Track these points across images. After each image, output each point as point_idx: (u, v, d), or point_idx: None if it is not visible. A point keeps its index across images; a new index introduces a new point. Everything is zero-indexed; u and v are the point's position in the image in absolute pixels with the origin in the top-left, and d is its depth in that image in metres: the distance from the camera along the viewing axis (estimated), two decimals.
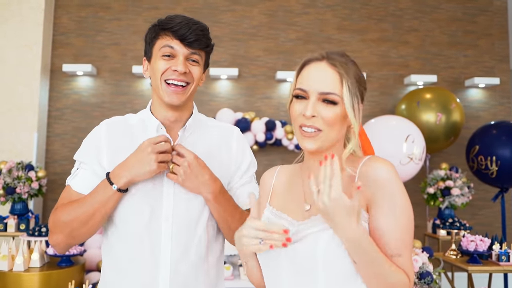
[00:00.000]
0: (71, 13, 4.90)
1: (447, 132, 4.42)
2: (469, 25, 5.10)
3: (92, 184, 1.29)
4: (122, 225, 1.31)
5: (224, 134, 1.43)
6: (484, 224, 4.92)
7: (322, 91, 1.05)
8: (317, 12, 5.02)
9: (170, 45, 1.27)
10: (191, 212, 1.32)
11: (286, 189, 1.19)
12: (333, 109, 1.05)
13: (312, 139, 1.06)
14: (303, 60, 1.13)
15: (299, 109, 1.08)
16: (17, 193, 3.90)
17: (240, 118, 4.55)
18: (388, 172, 1.03)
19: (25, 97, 4.56)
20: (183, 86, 1.29)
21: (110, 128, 1.36)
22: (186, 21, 1.29)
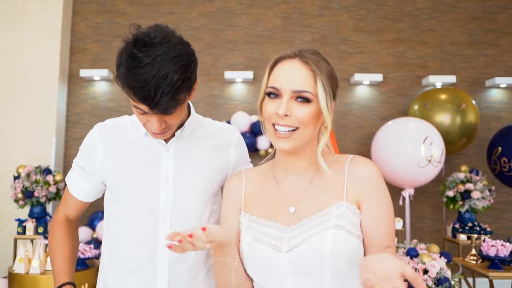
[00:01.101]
0: (88, 19, 4.98)
1: (459, 133, 4.31)
2: (489, 23, 4.96)
3: (83, 189, 1.38)
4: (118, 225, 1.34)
5: (223, 135, 1.41)
6: (508, 228, 4.78)
7: (295, 89, 1.04)
8: (333, 14, 4.97)
9: (139, 107, 1.14)
10: (190, 214, 1.31)
11: (261, 194, 1.15)
12: (307, 107, 1.04)
13: (287, 139, 1.05)
14: (275, 57, 1.12)
15: (272, 108, 1.06)
16: (35, 197, 3.97)
17: (255, 121, 4.54)
18: (376, 171, 1.08)
19: (44, 102, 4.65)
20: (165, 132, 1.23)
21: (102, 130, 1.36)
22: (153, 83, 1.08)
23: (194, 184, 1.31)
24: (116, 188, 1.32)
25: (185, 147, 1.33)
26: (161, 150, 1.31)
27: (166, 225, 1.28)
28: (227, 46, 4.93)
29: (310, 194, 1.09)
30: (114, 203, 1.34)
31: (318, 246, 1.00)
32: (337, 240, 1.00)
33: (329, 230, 1.01)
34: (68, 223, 1.42)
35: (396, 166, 3.99)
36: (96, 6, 4.99)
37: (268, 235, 1.07)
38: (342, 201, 1.06)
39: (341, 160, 1.11)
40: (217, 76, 4.89)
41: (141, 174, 1.30)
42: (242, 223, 1.13)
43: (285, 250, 1.03)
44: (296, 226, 1.06)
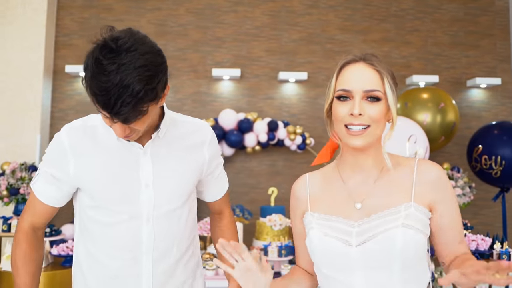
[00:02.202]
0: (74, 14, 4.92)
1: (437, 132, 4.43)
2: (471, 25, 5.11)
3: (52, 194, 1.32)
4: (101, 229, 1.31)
5: (197, 132, 1.42)
6: (486, 224, 4.94)
7: (366, 89, 1.12)
8: (320, 13, 5.03)
9: (104, 114, 1.14)
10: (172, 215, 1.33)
11: (327, 193, 1.23)
12: (378, 105, 1.13)
13: (360, 137, 1.12)
14: (341, 63, 1.19)
15: (345, 110, 1.13)
16: (20, 194, 3.92)
17: (242, 119, 4.57)
18: (444, 174, 1.17)
19: (28, 98, 4.58)
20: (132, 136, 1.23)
21: (72, 133, 1.31)
22: (112, 88, 1.07)
23: (173, 186, 1.32)
24: (95, 193, 1.29)
25: (162, 149, 1.33)
26: (138, 154, 1.30)
27: (149, 227, 1.29)
28: (214, 44, 4.94)
29: (376, 192, 1.17)
30: (94, 208, 1.31)
31: (388, 242, 1.08)
32: (406, 237, 1.07)
33: (398, 228, 1.08)
34: (34, 234, 1.35)
35: None
36: (81, 1, 4.93)
37: (337, 230, 1.14)
38: (410, 202, 1.13)
39: (407, 163, 1.19)
40: (204, 73, 4.90)
41: (121, 179, 1.28)
42: (311, 221, 1.20)
43: (355, 244, 1.11)
44: (363, 221, 1.13)
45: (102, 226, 1.30)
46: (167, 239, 1.32)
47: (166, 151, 1.34)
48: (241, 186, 4.72)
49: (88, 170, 1.28)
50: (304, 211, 1.24)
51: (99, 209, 1.30)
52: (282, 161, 4.77)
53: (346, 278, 1.12)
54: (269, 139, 4.60)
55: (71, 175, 1.28)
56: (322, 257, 1.14)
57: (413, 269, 1.11)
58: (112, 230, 1.29)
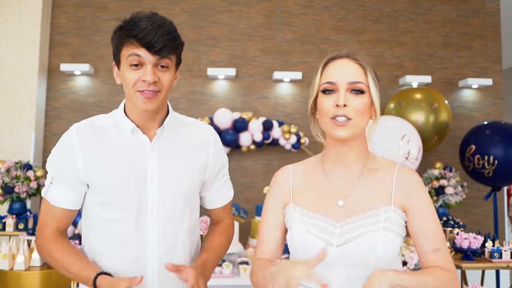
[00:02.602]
0: (69, 13, 4.91)
1: (430, 132, 4.49)
2: (463, 26, 5.18)
3: (69, 197, 1.31)
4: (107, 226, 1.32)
5: (201, 133, 1.44)
6: (477, 222, 5.01)
7: (351, 80, 1.15)
8: (314, 13, 5.07)
9: (136, 53, 1.22)
10: (175, 212, 1.34)
11: (309, 187, 1.24)
12: (362, 98, 1.16)
13: (344, 127, 1.14)
14: (326, 58, 1.22)
15: (330, 102, 1.16)
16: (15, 193, 3.91)
17: (237, 118, 4.59)
18: (420, 180, 1.20)
19: (23, 96, 4.57)
20: (155, 92, 1.26)
21: (81, 132, 1.32)
22: (151, 25, 1.23)
23: (176, 183, 1.34)
24: (102, 189, 1.30)
25: (167, 147, 1.35)
26: (145, 150, 1.33)
27: (154, 222, 1.31)
28: (209, 43, 4.96)
29: (358, 190, 1.20)
30: (100, 205, 1.32)
31: (369, 244, 1.11)
32: (386, 240, 1.11)
33: (378, 231, 1.12)
34: (63, 235, 1.35)
35: None
36: None
37: (319, 228, 1.16)
38: (390, 206, 1.17)
39: (389, 166, 1.22)
40: (199, 73, 4.92)
41: (128, 174, 1.30)
42: (293, 215, 1.21)
43: (336, 244, 1.13)
44: (345, 223, 1.15)
45: (108, 222, 1.31)
46: (171, 237, 1.34)
47: (171, 149, 1.36)
48: (236, 185, 4.69)
49: (96, 167, 1.30)
50: (286, 203, 1.24)
51: (105, 205, 1.31)
52: (277, 160, 4.80)
53: (325, 274, 1.13)
54: (264, 138, 4.63)
55: (80, 173, 1.30)
56: (302, 253, 1.16)
57: (390, 267, 1.14)
58: (117, 227, 1.30)
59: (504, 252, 3.32)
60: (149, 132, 1.35)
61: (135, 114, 1.33)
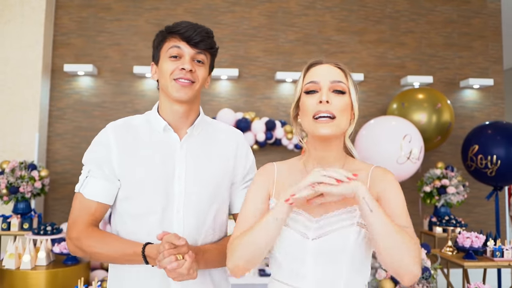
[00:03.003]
0: (72, 13, 4.93)
1: (433, 131, 4.51)
2: (464, 27, 5.21)
3: (104, 190, 1.34)
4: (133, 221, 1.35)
5: (230, 137, 1.49)
6: (479, 222, 5.04)
7: (333, 79, 1.21)
8: (316, 14, 5.10)
9: (177, 45, 1.33)
10: (200, 210, 1.37)
11: (291, 184, 1.24)
12: (343, 98, 1.20)
13: (327, 125, 1.18)
14: (308, 63, 1.27)
15: (313, 101, 1.20)
16: (20, 193, 3.93)
17: (240, 118, 4.62)
18: (392, 174, 1.26)
19: (27, 97, 4.59)
20: (191, 82, 1.34)
21: (117, 130, 1.39)
22: (192, 24, 1.35)
23: (203, 181, 1.38)
24: (131, 184, 1.34)
25: (196, 146, 1.40)
26: (175, 148, 1.38)
27: (180, 219, 1.34)
28: None
29: None
30: (127, 199, 1.35)
31: (343, 239, 1.16)
32: (359, 236, 1.16)
33: (352, 226, 1.16)
34: (97, 226, 1.38)
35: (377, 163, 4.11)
36: (80, 0, 4.95)
37: (297, 222, 1.20)
38: None
39: (366, 167, 1.27)
40: None
41: (158, 170, 1.35)
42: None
43: (312, 238, 1.18)
44: (322, 218, 1.20)
45: (135, 218, 1.35)
46: (195, 234, 1.37)
47: (199, 148, 1.41)
48: None
49: (128, 162, 1.35)
50: (270, 195, 1.28)
51: (133, 200, 1.35)
52: (279, 160, 4.79)
53: (298, 267, 1.18)
54: (267, 138, 4.65)
55: (114, 167, 1.35)
56: (279, 246, 1.20)
57: (360, 264, 1.19)
58: (143, 222, 1.34)
59: (506, 251, 3.35)
60: (180, 131, 1.40)
61: (169, 112, 1.39)
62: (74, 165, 4.79)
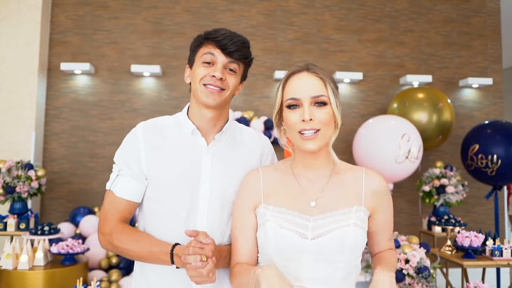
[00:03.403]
0: (68, 11, 4.89)
1: (435, 131, 4.51)
2: (463, 26, 5.20)
3: (133, 189, 1.39)
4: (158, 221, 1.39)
5: (257, 143, 1.52)
6: (477, 221, 5.04)
7: (314, 95, 1.22)
8: (315, 13, 5.08)
9: (211, 52, 1.36)
10: (224, 214, 1.40)
11: (280, 187, 1.29)
12: (325, 109, 1.22)
13: (313, 140, 1.21)
14: (286, 74, 1.29)
15: (296, 117, 1.22)
16: (17, 192, 3.89)
17: (239, 117, 4.59)
18: (386, 185, 1.33)
19: (23, 96, 4.55)
20: (220, 89, 1.36)
21: (146, 130, 1.42)
22: (229, 33, 1.38)
23: (227, 186, 1.40)
24: (158, 184, 1.38)
25: (223, 151, 1.44)
26: (202, 152, 1.41)
27: (203, 222, 1.38)
28: None
29: (328, 192, 1.27)
30: (154, 200, 1.39)
31: (341, 238, 1.19)
32: (357, 235, 1.20)
33: (350, 226, 1.20)
34: (128, 223, 1.42)
35: (375, 162, 4.13)
36: None
37: (292, 223, 1.21)
38: (361, 206, 1.26)
39: (355, 170, 1.33)
40: None
41: (185, 173, 1.38)
42: (266, 213, 1.25)
43: (310, 237, 1.19)
44: (319, 217, 1.22)
45: (160, 218, 1.38)
46: (218, 237, 1.39)
47: (226, 154, 1.44)
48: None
49: (155, 162, 1.38)
50: (257, 204, 1.29)
51: (159, 200, 1.38)
52: (279, 159, 4.77)
53: (294, 266, 1.20)
54: None
55: (143, 167, 1.38)
56: (276, 247, 1.20)
57: (354, 263, 1.23)
58: (168, 222, 1.37)
59: (505, 250, 3.35)
60: (208, 136, 1.44)
61: (198, 116, 1.42)
62: (71, 165, 4.75)
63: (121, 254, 1.38)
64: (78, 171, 4.73)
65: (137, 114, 4.74)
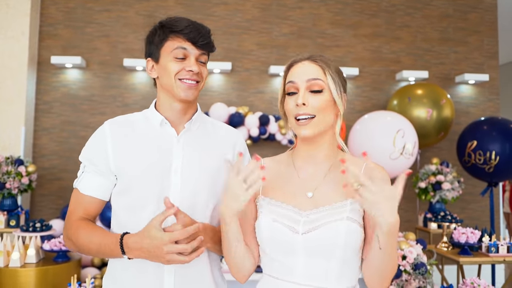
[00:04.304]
0: (59, 3, 4.78)
1: (438, 127, 4.49)
2: (460, 21, 5.18)
3: (99, 185, 1.37)
4: (126, 214, 1.36)
5: (228, 134, 1.50)
6: (473, 218, 5.04)
7: (309, 77, 1.22)
8: (311, 7, 5.02)
9: (183, 46, 1.33)
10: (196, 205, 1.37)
11: (280, 179, 1.28)
12: (321, 96, 1.22)
13: (307, 126, 1.21)
14: (288, 62, 1.30)
15: (292, 102, 1.23)
16: (6, 189, 3.81)
17: (233, 113, 4.53)
18: (387, 176, 1.25)
19: (12, 89, 4.44)
20: (196, 82, 1.36)
21: (113, 125, 1.40)
22: (193, 24, 1.35)
23: (199, 175, 1.38)
24: (125, 177, 1.35)
25: (193, 141, 1.41)
26: (172, 142, 1.39)
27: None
28: None
29: (327, 184, 1.25)
30: (122, 193, 1.36)
31: (332, 233, 1.16)
32: (350, 229, 1.16)
33: (342, 221, 1.16)
34: (90, 220, 1.39)
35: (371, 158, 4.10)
36: None
37: (286, 217, 1.20)
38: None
39: (357, 162, 1.24)
40: None
41: (153, 164, 1.35)
42: (263, 205, 1.25)
43: (301, 232, 1.17)
44: (312, 212, 1.20)
45: (129, 211, 1.35)
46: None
47: (196, 143, 1.42)
48: None
49: (123, 156, 1.35)
50: (257, 195, 1.28)
51: (127, 193, 1.35)
52: (273, 155, 4.73)
53: (288, 261, 1.19)
54: (261, 133, 4.58)
55: (110, 162, 1.35)
56: (268, 241, 1.20)
57: (350, 260, 1.19)
58: (137, 215, 1.33)
59: (501, 247, 3.36)
60: (178, 126, 1.41)
61: (168, 109, 1.40)
62: (61, 160, 4.66)
63: (82, 252, 1.35)
64: (69, 167, 4.63)
65: (129, 109, 4.66)
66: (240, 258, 1.25)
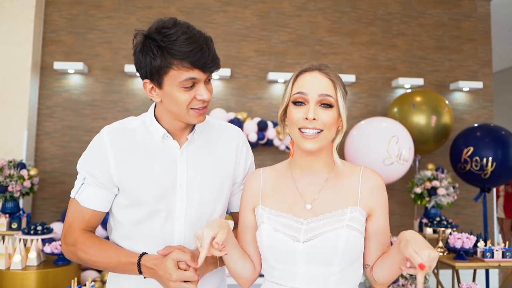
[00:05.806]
0: (62, 10, 4.87)
1: (439, 134, 4.56)
2: (454, 30, 5.27)
3: (100, 198, 1.32)
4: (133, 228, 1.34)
5: (230, 136, 1.46)
6: (467, 223, 5.10)
7: (321, 92, 1.19)
8: (309, 15, 5.11)
9: (192, 76, 1.21)
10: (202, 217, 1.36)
11: (278, 190, 1.28)
12: (330, 111, 1.19)
13: (313, 140, 1.18)
14: (297, 70, 1.25)
15: (300, 114, 1.20)
16: (9, 192, 3.86)
17: (232, 118, 4.61)
18: (383, 184, 1.27)
19: (16, 94, 4.51)
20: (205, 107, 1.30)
21: (113, 135, 1.33)
22: (196, 43, 1.20)
23: (204, 187, 1.36)
24: (133, 192, 1.31)
25: (197, 152, 1.37)
26: (175, 154, 1.35)
27: (181, 227, 1.33)
28: None
29: (325, 194, 1.25)
30: (129, 207, 1.33)
31: (333, 241, 1.16)
32: (349, 238, 1.16)
33: (343, 229, 1.17)
34: (92, 232, 1.37)
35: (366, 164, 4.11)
36: None
37: (286, 226, 1.21)
38: (356, 206, 1.23)
39: (354, 169, 1.28)
40: None
41: (159, 178, 1.32)
42: (263, 215, 1.25)
43: (302, 240, 1.18)
44: (312, 220, 1.20)
45: (137, 223, 1.33)
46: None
47: (200, 154, 1.38)
48: None
49: (127, 170, 1.31)
50: (256, 205, 1.29)
51: (135, 207, 1.32)
52: (270, 160, 4.82)
53: (289, 268, 1.20)
54: (259, 138, 4.65)
55: (112, 175, 1.31)
56: (270, 250, 1.20)
57: (350, 266, 1.20)
58: (146, 227, 1.32)
59: (496, 252, 3.38)
60: (180, 138, 1.37)
61: (169, 122, 1.34)
62: (63, 164, 4.73)
63: (87, 264, 1.32)
64: (71, 171, 4.70)
65: (130, 114, 4.69)
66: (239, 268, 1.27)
